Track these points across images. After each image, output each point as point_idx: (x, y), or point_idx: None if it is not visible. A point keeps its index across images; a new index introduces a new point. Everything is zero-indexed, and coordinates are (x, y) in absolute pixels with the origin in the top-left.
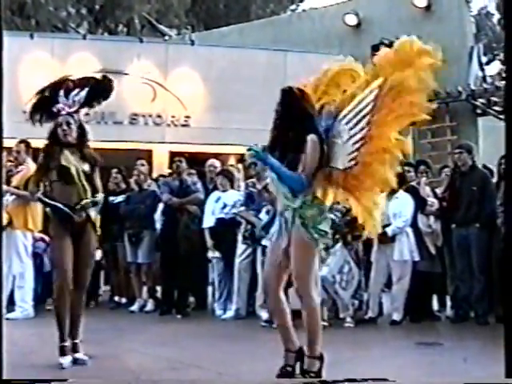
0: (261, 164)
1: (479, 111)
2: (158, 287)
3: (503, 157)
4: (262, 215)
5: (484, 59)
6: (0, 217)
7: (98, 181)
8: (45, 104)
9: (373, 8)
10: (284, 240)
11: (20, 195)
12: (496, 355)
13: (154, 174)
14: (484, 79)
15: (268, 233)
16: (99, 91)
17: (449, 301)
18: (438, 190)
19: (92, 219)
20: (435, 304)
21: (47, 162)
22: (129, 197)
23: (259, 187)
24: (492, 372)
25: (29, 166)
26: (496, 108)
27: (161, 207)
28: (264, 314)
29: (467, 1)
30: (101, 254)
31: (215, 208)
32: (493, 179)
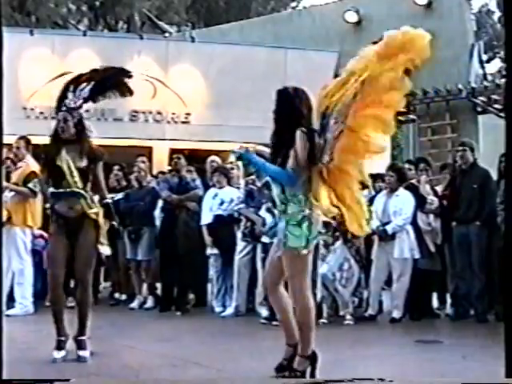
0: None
1: (479, 109)
2: (158, 284)
3: (503, 155)
4: (262, 212)
5: (484, 57)
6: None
7: (100, 177)
8: (59, 100)
9: (373, 5)
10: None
11: (19, 192)
12: (496, 353)
13: (154, 171)
14: (484, 77)
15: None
16: (106, 85)
17: (449, 299)
18: (438, 188)
19: (90, 216)
20: (435, 302)
21: (46, 161)
22: (128, 194)
23: (259, 184)
24: (491, 370)
25: (28, 163)
26: (496, 106)
27: (160, 204)
28: (264, 311)
29: None
30: (109, 251)
31: (213, 205)
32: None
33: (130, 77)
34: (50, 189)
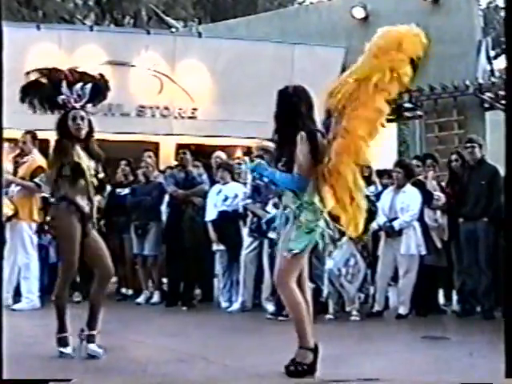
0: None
1: (487, 105)
2: (165, 279)
3: None
4: (269, 208)
5: (492, 53)
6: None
7: (101, 177)
8: (44, 91)
9: (380, 1)
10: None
11: (25, 186)
12: (502, 350)
13: (161, 166)
14: (492, 73)
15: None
16: (101, 90)
17: (455, 295)
18: (444, 184)
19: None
20: (441, 298)
21: (60, 158)
22: (135, 189)
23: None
24: (498, 367)
25: (35, 157)
26: (504, 102)
27: (167, 199)
28: (270, 307)
29: None
30: None
31: (217, 201)
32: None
33: (107, 85)
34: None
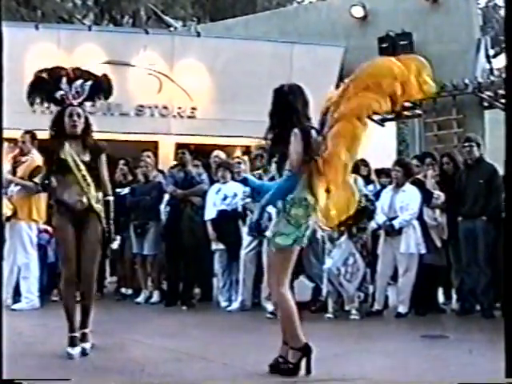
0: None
1: (486, 104)
2: (164, 279)
3: None
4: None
5: (491, 52)
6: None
7: (104, 171)
8: (44, 87)
9: (379, 0)
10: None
11: (25, 186)
12: (502, 348)
13: (160, 166)
14: (491, 72)
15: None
16: (101, 88)
17: (454, 294)
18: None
19: (95, 210)
20: (441, 297)
21: (50, 156)
22: (134, 188)
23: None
24: (497, 365)
25: (34, 157)
26: (503, 101)
27: (166, 199)
28: (269, 306)
29: None
30: (116, 245)
31: (216, 200)
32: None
33: (110, 85)
34: (54, 182)
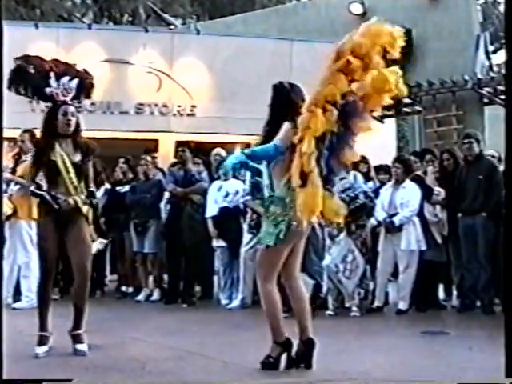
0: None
1: (485, 100)
2: (165, 276)
3: None
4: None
5: (491, 48)
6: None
7: (91, 172)
8: (29, 78)
9: None
10: None
11: (24, 185)
12: (502, 344)
13: (160, 164)
14: (490, 68)
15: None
16: (86, 85)
17: (455, 290)
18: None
19: (82, 211)
20: (441, 293)
21: (40, 157)
22: (134, 186)
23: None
24: (497, 361)
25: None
26: (502, 97)
27: (166, 197)
28: None
29: None
30: (100, 246)
31: (217, 197)
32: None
33: (92, 83)
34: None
